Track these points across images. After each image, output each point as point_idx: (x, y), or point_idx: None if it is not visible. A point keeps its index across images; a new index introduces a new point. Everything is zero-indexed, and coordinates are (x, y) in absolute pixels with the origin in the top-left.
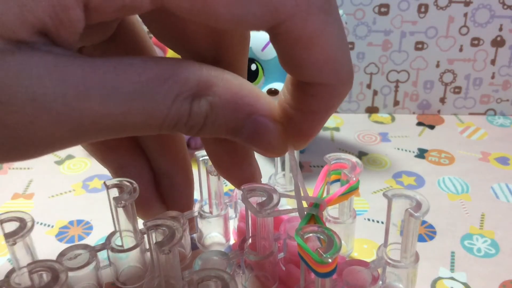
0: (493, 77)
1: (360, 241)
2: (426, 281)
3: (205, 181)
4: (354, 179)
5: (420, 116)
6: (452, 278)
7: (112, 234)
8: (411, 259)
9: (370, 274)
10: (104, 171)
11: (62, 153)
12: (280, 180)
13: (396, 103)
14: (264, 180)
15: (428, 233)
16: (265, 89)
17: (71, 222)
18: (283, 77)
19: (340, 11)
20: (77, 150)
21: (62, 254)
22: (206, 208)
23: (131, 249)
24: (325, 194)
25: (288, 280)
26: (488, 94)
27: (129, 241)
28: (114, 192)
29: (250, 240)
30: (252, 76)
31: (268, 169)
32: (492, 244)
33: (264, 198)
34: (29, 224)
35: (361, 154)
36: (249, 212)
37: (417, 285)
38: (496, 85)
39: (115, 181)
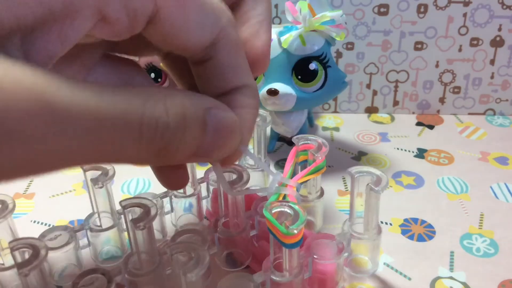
0: (492, 77)
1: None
2: (426, 281)
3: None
4: (320, 158)
5: (419, 116)
6: (451, 278)
7: (90, 216)
8: (374, 232)
9: (335, 246)
10: None
11: None
12: (250, 161)
13: (395, 103)
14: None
15: (427, 232)
16: (265, 89)
17: (71, 222)
18: (284, 77)
19: (340, 11)
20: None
21: (42, 235)
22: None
23: (108, 229)
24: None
25: (260, 255)
26: (488, 94)
27: (107, 222)
28: (92, 175)
29: (223, 219)
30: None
31: None
32: (491, 243)
33: (234, 177)
34: (10, 206)
35: (360, 154)
36: (222, 191)
37: (417, 285)
38: (495, 85)
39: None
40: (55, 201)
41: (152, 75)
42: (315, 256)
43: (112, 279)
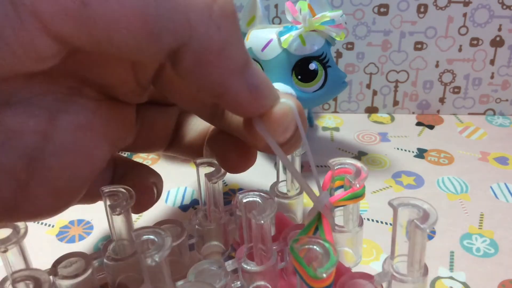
0: (492, 77)
1: None
2: None
3: (204, 189)
4: (358, 185)
5: (419, 116)
6: (451, 278)
7: (109, 243)
8: (419, 273)
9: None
10: None
11: None
12: (282, 189)
13: (395, 103)
14: (230, 178)
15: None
16: None
17: (71, 222)
18: (284, 77)
19: (339, 11)
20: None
21: (57, 262)
22: (205, 216)
23: (127, 258)
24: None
25: None
26: (488, 94)
27: (126, 249)
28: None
29: (247, 249)
30: None
31: (269, 179)
32: (491, 243)
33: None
34: (22, 231)
35: (360, 154)
36: (246, 219)
37: None
38: (495, 85)
39: (111, 188)
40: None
41: None
42: None
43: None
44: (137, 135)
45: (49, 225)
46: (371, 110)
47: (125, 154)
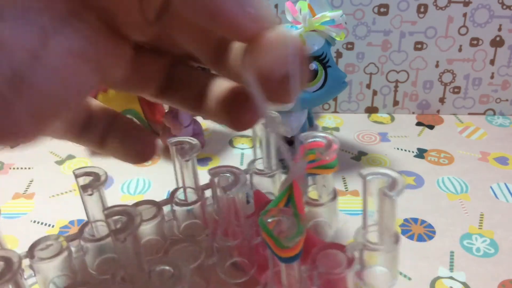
0: (492, 77)
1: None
2: (426, 281)
3: (179, 169)
4: (328, 158)
5: (419, 116)
6: (451, 278)
7: (85, 225)
8: (390, 241)
9: (345, 257)
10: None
11: (63, 153)
12: (259, 166)
13: (395, 103)
14: (244, 166)
15: (427, 232)
16: None
17: (71, 222)
18: None
19: (339, 11)
20: (78, 150)
21: (33, 246)
22: (182, 196)
23: (103, 239)
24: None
25: (266, 265)
26: (487, 94)
27: (102, 230)
28: (83, 181)
29: (221, 226)
30: None
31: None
32: (491, 243)
33: (230, 180)
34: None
35: (360, 154)
36: (219, 196)
37: (417, 285)
38: (495, 85)
39: (85, 169)
40: (55, 201)
41: None
42: (320, 269)
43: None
44: (128, 75)
45: (49, 225)
46: (371, 110)
47: None
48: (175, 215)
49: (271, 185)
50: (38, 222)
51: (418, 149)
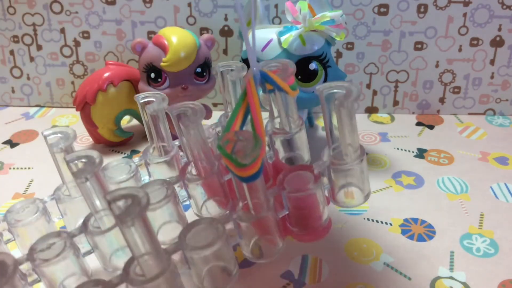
0: (492, 77)
1: (359, 240)
2: (426, 281)
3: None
4: (286, 81)
5: (419, 116)
6: (451, 278)
7: (89, 217)
8: (355, 155)
9: (312, 176)
10: None
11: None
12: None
13: (395, 103)
14: None
15: (427, 232)
16: None
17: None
18: None
19: (339, 11)
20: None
21: (33, 248)
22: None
23: (110, 229)
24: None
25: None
26: (487, 94)
27: (108, 221)
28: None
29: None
30: None
31: None
32: (491, 243)
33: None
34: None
35: None
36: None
37: (417, 285)
38: (495, 85)
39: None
40: (55, 201)
41: (152, 75)
42: (288, 189)
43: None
44: None
45: None
46: (371, 110)
47: (125, 155)
48: (189, 194)
49: (299, 143)
50: None
51: (418, 149)
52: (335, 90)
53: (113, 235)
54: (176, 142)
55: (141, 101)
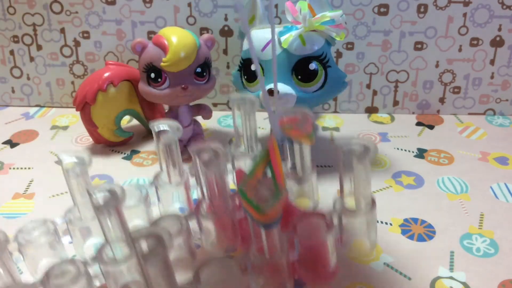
0: (492, 77)
1: (359, 240)
2: (426, 281)
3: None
4: (304, 131)
5: (419, 116)
6: (451, 278)
7: (104, 245)
8: (367, 206)
9: (324, 224)
10: (105, 171)
11: None
12: (242, 149)
13: (395, 103)
14: None
15: (427, 232)
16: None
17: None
18: (284, 77)
19: (339, 11)
20: (78, 150)
21: (47, 276)
22: (165, 177)
23: (125, 261)
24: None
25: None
26: (488, 94)
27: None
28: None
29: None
30: (252, 76)
31: None
32: (491, 243)
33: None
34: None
35: None
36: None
37: (417, 285)
38: (495, 85)
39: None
40: (55, 201)
41: (152, 75)
42: (301, 235)
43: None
44: None
45: None
46: (371, 110)
47: (125, 154)
48: (201, 227)
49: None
50: None
51: (418, 149)
52: (352, 147)
53: (126, 267)
54: (186, 167)
55: (156, 131)
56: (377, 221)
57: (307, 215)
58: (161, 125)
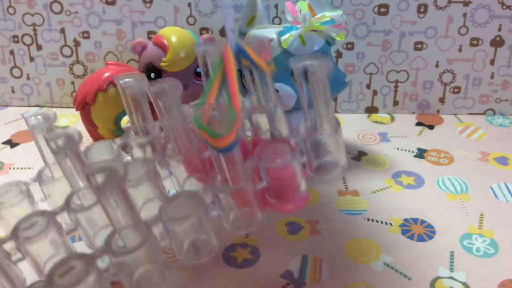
0: (492, 77)
1: (359, 240)
2: (426, 281)
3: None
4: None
5: (419, 116)
6: (451, 278)
7: (70, 195)
8: (329, 126)
9: (288, 147)
10: None
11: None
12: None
13: (395, 103)
14: None
15: (427, 232)
16: None
17: None
18: (284, 77)
19: (339, 11)
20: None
21: (16, 228)
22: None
23: (92, 206)
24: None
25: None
26: (487, 94)
27: (90, 199)
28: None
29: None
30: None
31: None
32: (491, 243)
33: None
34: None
35: (360, 154)
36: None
37: (417, 285)
38: (495, 85)
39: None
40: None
41: (152, 75)
42: (265, 161)
43: (93, 264)
44: None
45: None
46: (371, 110)
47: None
48: (170, 171)
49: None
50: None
51: (418, 149)
52: (307, 62)
53: (95, 213)
54: (157, 123)
55: (121, 82)
56: (378, 221)
57: (270, 142)
58: (125, 76)
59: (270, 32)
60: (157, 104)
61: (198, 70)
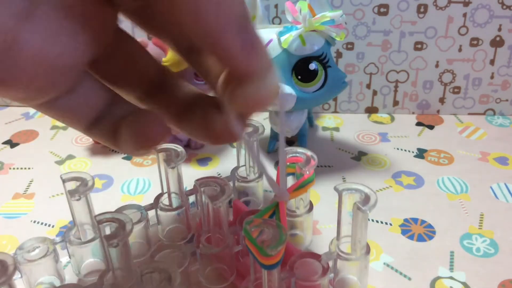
0: (492, 77)
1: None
2: (426, 281)
3: (164, 174)
4: (308, 172)
5: (419, 116)
6: (451, 278)
7: (71, 228)
8: (362, 252)
9: (320, 266)
10: (105, 171)
11: (63, 153)
12: (242, 173)
13: (395, 103)
14: (226, 174)
15: (427, 232)
16: None
17: (71, 222)
18: (284, 77)
19: (339, 11)
20: (78, 150)
21: (20, 248)
22: (166, 201)
23: (89, 242)
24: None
25: (245, 272)
26: (487, 94)
27: (89, 234)
28: (70, 186)
29: (205, 234)
30: None
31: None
32: (491, 243)
33: (217, 190)
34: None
35: (360, 154)
36: (204, 205)
37: (417, 285)
38: (495, 85)
39: (72, 174)
40: (55, 201)
41: None
42: (297, 276)
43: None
44: (115, 56)
45: (49, 225)
46: (371, 110)
47: (125, 155)
48: (159, 220)
49: (256, 191)
50: (38, 222)
51: (418, 149)
52: (353, 192)
53: (89, 248)
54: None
55: (160, 153)
56: (378, 221)
57: (303, 256)
58: (164, 146)
59: (270, 32)
60: (200, 193)
61: None
